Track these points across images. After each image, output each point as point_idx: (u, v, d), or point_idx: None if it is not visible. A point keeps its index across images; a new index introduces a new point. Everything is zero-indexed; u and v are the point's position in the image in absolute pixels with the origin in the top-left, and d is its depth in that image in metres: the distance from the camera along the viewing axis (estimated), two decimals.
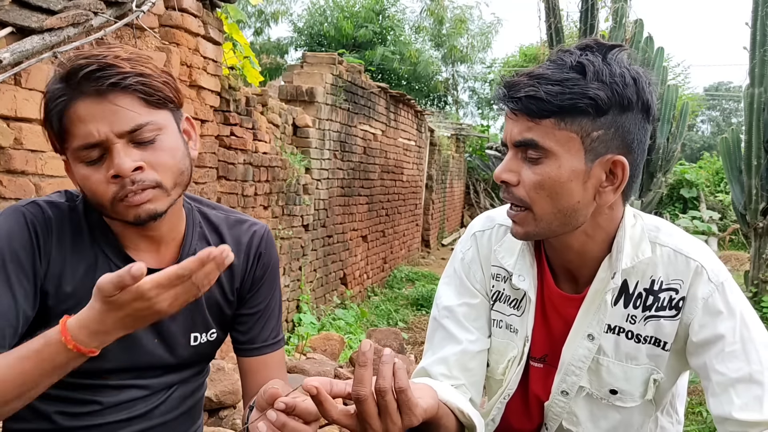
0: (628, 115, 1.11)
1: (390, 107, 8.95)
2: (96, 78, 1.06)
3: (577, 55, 1.11)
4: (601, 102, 1.08)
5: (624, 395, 1.26)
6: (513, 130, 1.14)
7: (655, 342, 1.22)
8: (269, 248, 1.39)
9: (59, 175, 2.52)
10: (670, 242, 1.22)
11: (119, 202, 1.12)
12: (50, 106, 1.08)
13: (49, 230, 1.17)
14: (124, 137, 1.09)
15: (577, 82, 1.08)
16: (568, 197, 1.13)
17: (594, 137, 1.10)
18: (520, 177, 1.14)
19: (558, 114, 1.09)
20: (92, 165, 1.10)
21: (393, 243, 9.65)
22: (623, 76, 1.09)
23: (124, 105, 1.08)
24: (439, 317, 1.36)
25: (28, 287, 1.14)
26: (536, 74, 1.11)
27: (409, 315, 7.44)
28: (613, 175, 1.13)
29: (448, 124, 15.46)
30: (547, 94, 1.08)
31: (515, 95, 1.11)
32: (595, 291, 1.23)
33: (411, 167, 10.48)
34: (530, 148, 1.12)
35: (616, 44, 1.14)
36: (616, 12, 7.33)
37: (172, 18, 3.29)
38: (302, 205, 5.83)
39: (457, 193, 15.59)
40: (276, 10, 19.30)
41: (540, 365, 1.33)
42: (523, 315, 1.30)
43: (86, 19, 2.48)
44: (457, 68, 21.37)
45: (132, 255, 1.23)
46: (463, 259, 1.38)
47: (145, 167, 1.11)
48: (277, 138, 5.38)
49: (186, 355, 1.31)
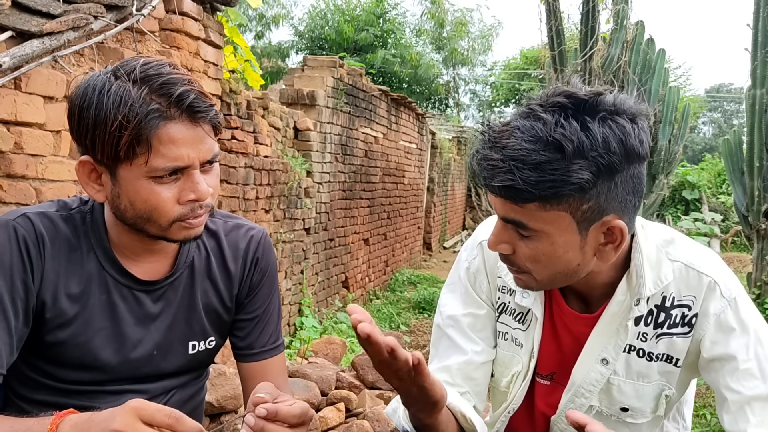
0: (618, 176, 1.03)
1: (391, 110, 8.94)
2: (195, 107, 1.08)
3: (551, 126, 0.99)
4: (587, 183, 1.00)
5: (635, 412, 1.23)
6: (497, 206, 1.09)
7: (667, 359, 1.19)
8: (267, 253, 1.38)
9: (60, 179, 2.51)
10: (682, 257, 1.18)
11: (179, 222, 1.13)
12: (142, 122, 1.04)
13: (41, 243, 1.15)
14: (203, 164, 1.12)
15: (556, 165, 0.99)
16: (566, 264, 1.10)
17: (584, 210, 1.04)
18: (515, 248, 1.11)
19: (541, 200, 1.02)
20: (163, 183, 1.09)
21: (395, 246, 9.64)
22: (606, 143, 0.99)
23: (208, 134, 1.12)
24: (443, 326, 1.34)
25: (21, 304, 1.13)
26: (510, 153, 1.00)
27: (411, 318, 7.43)
28: (611, 234, 1.08)
29: (449, 126, 15.46)
30: (525, 183, 0.99)
31: (491, 182, 1.03)
32: (613, 314, 1.19)
33: (412, 170, 10.47)
34: (518, 226, 1.07)
35: (593, 92, 1.03)
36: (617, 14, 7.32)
37: (172, 22, 3.28)
38: (303, 208, 5.82)
39: (458, 195, 15.58)
40: (277, 13, 19.35)
41: (547, 382, 1.30)
42: (528, 330, 1.27)
43: (86, 23, 2.47)
44: (458, 71, 21.41)
45: (127, 266, 1.22)
46: (468, 268, 1.34)
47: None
48: (279, 141, 5.38)
49: (184, 363, 1.30)
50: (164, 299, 1.25)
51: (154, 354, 1.25)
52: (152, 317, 1.24)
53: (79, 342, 1.18)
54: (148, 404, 0.90)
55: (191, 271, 1.29)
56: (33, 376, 1.22)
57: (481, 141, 1.06)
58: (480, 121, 1.74)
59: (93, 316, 1.19)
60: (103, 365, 1.21)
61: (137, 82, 1.06)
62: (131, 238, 1.20)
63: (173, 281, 1.26)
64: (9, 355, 1.11)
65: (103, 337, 1.20)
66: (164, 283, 1.25)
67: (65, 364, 1.20)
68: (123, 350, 1.22)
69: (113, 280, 1.21)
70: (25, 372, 1.21)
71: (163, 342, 1.25)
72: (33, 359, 1.20)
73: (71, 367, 1.20)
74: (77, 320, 1.18)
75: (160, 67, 1.09)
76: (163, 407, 0.90)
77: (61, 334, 1.18)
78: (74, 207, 1.23)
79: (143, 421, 0.88)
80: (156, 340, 1.25)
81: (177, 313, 1.27)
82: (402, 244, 10.13)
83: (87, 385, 1.21)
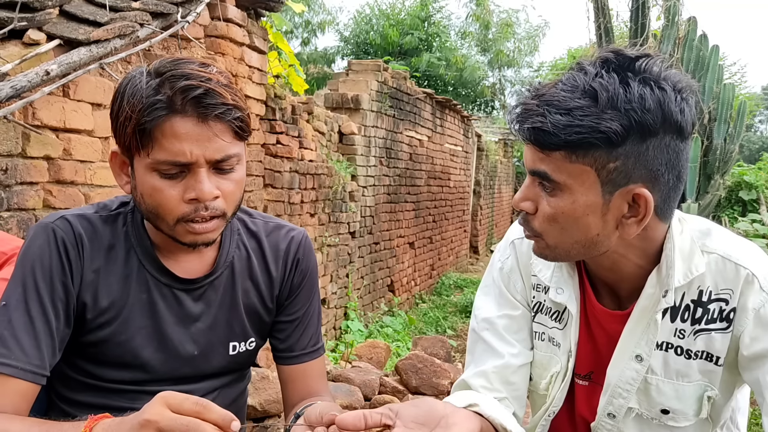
0: (651, 141, 0.99)
1: (436, 113, 8.89)
2: (202, 104, 1.05)
3: (591, 75, 0.99)
4: (615, 134, 0.97)
5: (677, 415, 1.17)
6: (527, 157, 1.07)
7: (707, 357, 1.13)
8: (307, 254, 1.36)
9: (108, 185, 2.56)
10: (718, 248, 1.12)
11: (183, 223, 1.11)
12: (145, 112, 1.05)
13: (80, 244, 1.17)
14: (210, 164, 1.09)
15: (587, 111, 0.97)
16: (584, 230, 1.05)
17: (611, 169, 1.00)
18: (538, 206, 1.07)
19: (567, 148, 0.99)
20: (168, 179, 1.09)
21: (440, 249, 9.58)
22: (643, 100, 0.97)
23: (219, 134, 1.08)
24: (478, 329, 1.30)
25: (62, 306, 1.14)
26: (546, 98, 1.00)
27: (457, 322, 7.36)
28: (636, 206, 1.03)
29: (495, 128, 15.33)
30: (554, 126, 0.97)
31: (523, 124, 1.02)
32: (643, 308, 1.14)
33: (458, 173, 10.40)
34: (543, 178, 1.04)
35: (642, 54, 1.01)
36: (667, 10, 7.13)
37: (217, 28, 3.32)
38: (348, 212, 5.83)
39: (505, 198, 15.41)
40: (323, 20, 19.50)
41: (585, 383, 1.25)
42: (565, 328, 1.23)
43: (132, 31, 2.52)
44: (503, 73, 21.18)
45: (168, 265, 1.22)
46: (501, 268, 1.31)
47: (219, 196, 1.11)
48: (323, 146, 5.40)
49: (225, 363, 1.29)
50: (204, 299, 1.25)
51: (195, 354, 1.25)
52: (193, 317, 1.24)
53: (120, 340, 1.19)
54: (176, 393, 0.89)
55: (232, 271, 1.28)
56: (75, 377, 1.23)
57: (526, 92, 1.05)
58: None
59: (133, 315, 1.20)
60: (144, 364, 1.21)
61: (152, 74, 1.08)
62: (161, 235, 1.19)
63: (213, 281, 1.26)
64: (52, 357, 1.13)
65: (144, 335, 1.21)
66: (204, 282, 1.24)
67: (106, 363, 1.20)
68: (163, 349, 1.22)
69: (153, 278, 1.21)
70: (68, 373, 1.23)
71: (204, 342, 1.25)
72: (75, 359, 1.21)
73: (112, 366, 1.21)
74: (117, 319, 1.19)
75: (184, 64, 1.08)
76: (191, 396, 0.89)
77: (101, 334, 1.18)
78: (114, 208, 1.24)
79: (172, 410, 0.87)
80: (197, 340, 1.25)
81: (218, 314, 1.26)
82: (448, 248, 10.06)
83: (128, 384, 1.22)
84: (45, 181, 2.27)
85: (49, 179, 2.29)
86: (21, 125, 2.12)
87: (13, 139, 2.12)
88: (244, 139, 1.13)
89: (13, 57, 2.14)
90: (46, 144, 2.24)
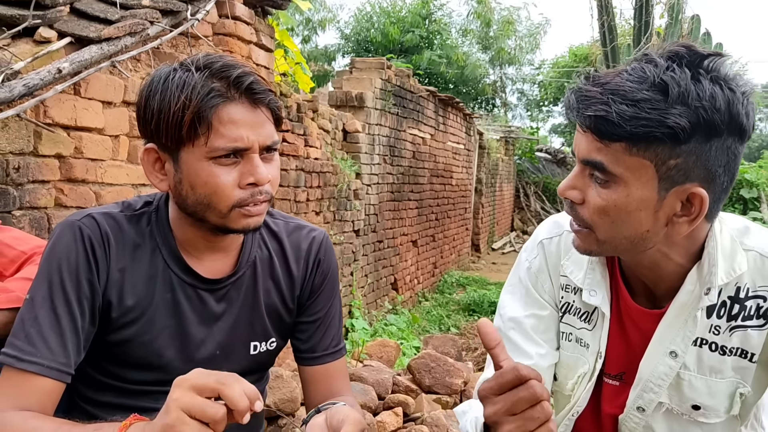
0: (715, 141, 0.97)
1: (438, 111, 8.89)
2: (253, 90, 1.10)
3: (662, 68, 0.96)
4: (682, 131, 0.94)
5: (708, 411, 1.17)
6: (581, 146, 1.04)
7: (741, 354, 1.13)
8: (328, 254, 1.36)
9: (119, 183, 2.55)
10: (757, 245, 1.12)
11: (238, 208, 1.12)
12: (203, 100, 1.07)
13: (106, 243, 1.16)
14: (261, 150, 1.12)
15: (656, 104, 0.94)
16: (635, 226, 1.03)
17: (671, 165, 0.98)
18: (585, 196, 1.05)
19: (630, 140, 0.96)
20: (224, 166, 1.10)
21: (443, 247, 9.57)
22: (713, 99, 0.95)
23: (268, 119, 1.13)
24: (504, 329, 1.29)
25: (87, 303, 1.14)
26: (611, 87, 0.97)
27: (461, 320, 7.35)
28: (690, 205, 1.02)
29: (496, 126, 15.31)
30: (619, 116, 0.95)
31: (585, 111, 0.98)
32: (681, 305, 1.13)
33: (460, 171, 10.39)
34: (597, 169, 1.02)
35: (713, 52, 0.99)
36: (671, 8, 7.13)
37: (225, 26, 3.31)
38: (353, 210, 5.82)
39: (506, 196, 15.40)
40: (323, 17, 19.52)
41: (616, 383, 1.24)
42: (594, 329, 1.22)
43: (143, 29, 2.51)
44: (505, 70, 21.19)
45: (192, 264, 1.22)
46: (529, 268, 1.30)
47: (270, 180, 1.15)
48: (328, 144, 5.39)
49: (245, 363, 1.29)
50: (227, 299, 1.25)
51: (216, 354, 1.24)
52: (215, 317, 1.24)
53: (144, 341, 1.19)
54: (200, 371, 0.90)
55: (254, 271, 1.28)
56: (98, 377, 1.22)
57: (584, 80, 1.02)
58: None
59: (157, 315, 1.19)
60: (167, 364, 1.21)
61: (200, 68, 1.10)
62: (195, 233, 1.20)
63: (236, 280, 1.25)
64: (77, 355, 1.12)
65: (167, 335, 1.20)
66: (227, 282, 1.24)
67: (130, 363, 1.20)
68: (186, 349, 1.22)
69: (178, 278, 1.21)
70: (90, 373, 1.22)
71: (225, 342, 1.25)
72: (98, 360, 1.21)
73: (135, 367, 1.20)
74: (142, 319, 1.19)
75: (221, 56, 1.13)
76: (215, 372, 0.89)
77: (126, 333, 1.18)
78: (139, 207, 1.23)
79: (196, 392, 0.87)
80: (219, 339, 1.24)
81: (239, 313, 1.26)
82: (450, 246, 10.06)
83: (151, 385, 1.21)
84: (56, 179, 2.27)
85: (61, 177, 2.29)
86: (33, 123, 2.12)
87: (25, 138, 2.11)
88: (279, 127, 1.17)
89: (24, 55, 2.14)
90: (58, 142, 2.24)
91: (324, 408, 1.09)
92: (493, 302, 7.66)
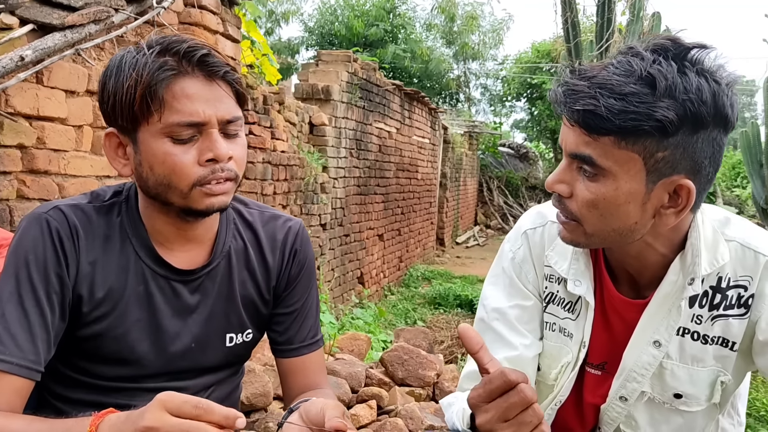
0: (701, 133, 0.98)
1: (404, 105, 8.89)
2: (208, 63, 1.07)
3: (648, 62, 0.97)
4: (670, 124, 0.95)
5: (689, 399, 1.19)
6: (568, 140, 1.04)
7: (722, 342, 1.15)
8: (305, 245, 1.34)
9: (82, 175, 2.48)
10: (738, 236, 1.14)
11: (199, 187, 1.09)
12: (154, 75, 1.04)
13: (75, 236, 1.13)
14: (220, 125, 1.09)
15: (643, 98, 0.95)
16: (623, 218, 1.04)
17: (658, 158, 0.99)
18: (573, 189, 1.06)
19: (619, 133, 0.97)
20: (181, 143, 1.07)
21: (409, 241, 9.60)
22: (700, 91, 0.95)
23: (226, 93, 1.10)
24: (488, 319, 1.29)
25: (57, 298, 1.10)
26: (599, 81, 0.97)
27: (426, 314, 7.38)
28: (677, 196, 1.03)
29: (460, 121, 15.39)
30: (608, 110, 0.95)
31: (573, 105, 0.99)
32: (665, 294, 1.15)
33: (425, 165, 10.42)
34: (586, 163, 1.02)
35: (698, 44, 1.00)
36: (633, 5, 7.23)
37: (191, 15, 3.25)
38: (320, 204, 5.79)
39: (470, 190, 15.51)
40: (287, 10, 19.33)
41: (598, 372, 1.25)
42: (578, 319, 1.23)
43: (107, 16, 2.44)
44: (468, 65, 21.29)
45: (164, 255, 1.19)
46: (513, 258, 1.29)
47: (233, 157, 1.11)
48: (294, 137, 5.34)
49: (221, 356, 1.27)
50: (201, 290, 1.22)
51: (192, 347, 1.22)
52: (190, 309, 1.21)
53: (116, 335, 1.15)
54: (174, 395, 0.86)
55: (228, 261, 1.25)
56: (69, 374, 1.19)
57: (570, 74, 1.02)
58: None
59: (129, 308, 1.16)
60: (140, 359, 1.18)
61: (152, 46, 1.08)
62: (165, 222, 1.17)
63: (210, 271, 1.23)
64: (47, 352, 1.09)
65: (140, 329, 1.17)
66: (201, 272, 1.21)
67: (102, 359, 1.17)
68: (160, 343, 1.19)
69: (150, 270, 1.18)
70: (61, 369, 1.18)
71: (201, 334, 1.22)
72: (69, 356, 1.17)
73: (108, 362, 1.17)
74: (114, 312, 1.15)
75: (177, 35, 1.11)
76: (190, 398, 0.85)
77: (97, 327, 1.15)
78: (108, 198, 1.20)
79: (171, 413, 0.84)
80: (194, 332, 1.21)
81: (214, 305, 1.24)
82: (415, 240, 10.09)
83: (124, 381, 1.18)
84: (18, 170, 2.20)
85: (23, 168, 2.21)
86: None
87: None
88: (242, 105, 1.14)
89: None
90: (20, 132, 2.16)
91: (296, 407, 1.08)
92: (458, 295, 7.72)
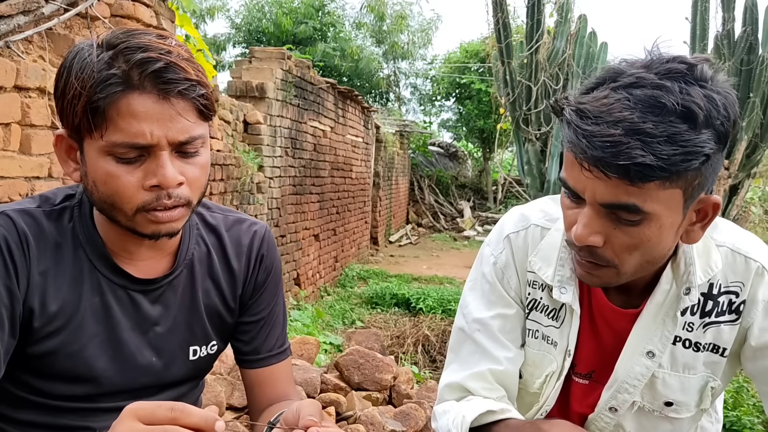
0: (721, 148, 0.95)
1: (338, 103, 8.83)
2: (162, 78, 0.94)
3: (677, 93, 0.89)
4: (713, 152, 0.91)
5: (680, 406, 1.18)
6: (599, 191, 0.94)
7: (713, 349, 1.14)
8: (271, 250, 1.28)
9: (10, 176, 2.31)
10: (728, 241, 1.13)
11: (144, 213, 0.99)
12: (97, 88, 0.93)
13: (24, 244, 1.02)
14: (173, 147, 0.97)
15: (686, 135, 0.88)
16: (661, 249, 1.01)
17: (695, 185, 0.94)
18: (608, 237, 0.98)
19: (667, 177, 0.90)
20: (125, 164, 0.96)
21: (344, 241, 9.54)
22: (726, 110, 0.92)
23: (182, 112, 0.97)
24: (468, 330, 1.23)
25: (6, 313, 1.00)
26: (632, 127, 0.88)
27: (364, 314, 7.35)
28: (702, 212, 1.01)
29: (392, 120, 15.45)
30: (658, 159, 0.87)
31: (615, 160, 0.89)
32: (657, 304, 1.12)
33: (359, 164, 10.39)
34: (628, 211, 0.94)
35: (703, 57, 0.95)
36: (561, 7, 7.42)
37: (123, 8, 3.09)
38: (256, 204, 5.66)
39: (402, 189, 15.59)
40: (212, 5, 18.87)
41: (585, 382, 1.23)
42: (562, 326, 1.19)
43: (37, 7, 2.29)
44: (398, 65, 21.39)
45: (122, 265, 1.10)
46: (495, 263, 1.23)
47: (184, 182, 1.00)
48: (229, 135, 5.20)
49: (185, 370, 1.19)
50: (162, 301, 1.14)
51: (153, 361, 1.14)
52: (151, 321, 1.13)
53: (71, 351, 1.06)
54: (144, 403, 0.79)
55: (191, 270, 1.17)
56: (18, 393, 1.08)
57: (576, 115, 0.93)
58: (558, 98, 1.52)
59: (85, 322, 1.07)
60: (98, 376, 1.09)
61: (104, 46, 0.96)
62: (114, 232, 1.07)
63: (172, 280, 1.15)
64: None
65: (97, 344, 1.08)
66: (163, 282, 1.13)
67: (56, 376, 1.07)
68: (119, 358, 1.10)
69: (106, 280, 1.08)
70: (9, 389, 1.08)
71: (163, 348, 1.14)
72: (18, 373, 1.07)
73: (62, 380, 1.07)
74: (68, 327, 1.06)
75: (140, 35, 0.97)
76: (164, 402, 0.79)
77: (50, 344, 1.05)
78: (59, 202, 1.10)
79: (144, 422, 0.77)
80: (155, 345, 1.13)
81: (177, 316, 1.16)
82: (350, 239, 10.04)
83: (79, 401, 1.09)
84: None
85: None
86: None
87: None
88: (208, 119, 1.02)
89: None
90: None
91: (276, 420, 1.03)
92: (395, 294, 7.73)
